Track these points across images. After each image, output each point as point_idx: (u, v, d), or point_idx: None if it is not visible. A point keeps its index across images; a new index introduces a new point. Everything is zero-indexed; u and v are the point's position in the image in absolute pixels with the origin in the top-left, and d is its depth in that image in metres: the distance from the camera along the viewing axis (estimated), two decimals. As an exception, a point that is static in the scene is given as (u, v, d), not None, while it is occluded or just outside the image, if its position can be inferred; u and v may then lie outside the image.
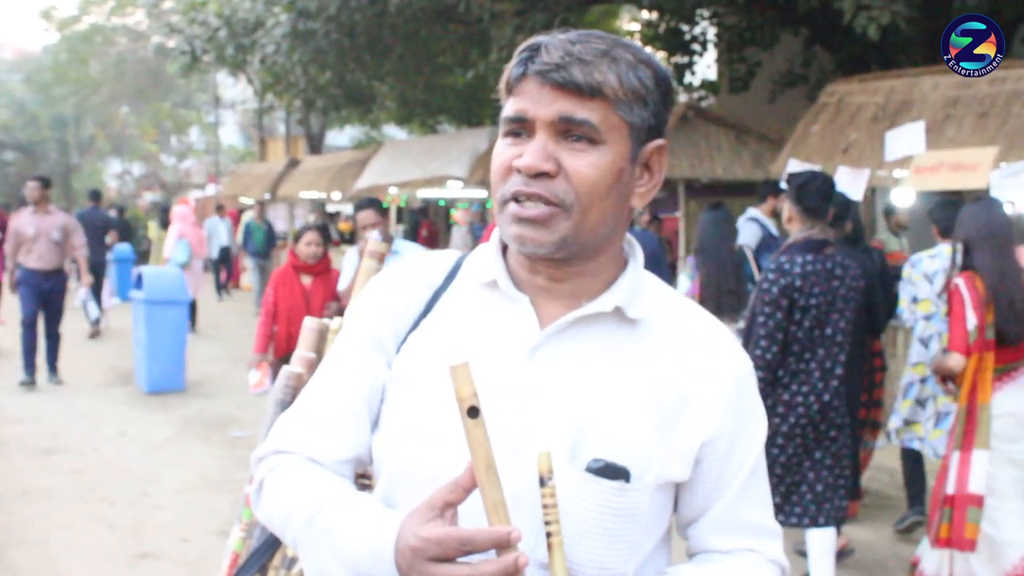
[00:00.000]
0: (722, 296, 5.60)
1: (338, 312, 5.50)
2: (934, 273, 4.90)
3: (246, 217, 16.20)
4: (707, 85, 13.57)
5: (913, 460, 5.20)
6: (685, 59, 12.63)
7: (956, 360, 3.90)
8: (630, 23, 16.87)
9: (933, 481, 4.22)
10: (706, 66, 14.11)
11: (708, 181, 10.48)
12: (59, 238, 8.90)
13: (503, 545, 1.05)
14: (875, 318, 4.91)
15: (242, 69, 17.12)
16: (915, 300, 5.02)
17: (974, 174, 5.94)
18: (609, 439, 1.19)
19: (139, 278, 9.05)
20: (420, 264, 1.38)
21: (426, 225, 16.91)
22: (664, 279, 1.37)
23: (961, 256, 4.03)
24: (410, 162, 13.92)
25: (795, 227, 4.01)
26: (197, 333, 12.20)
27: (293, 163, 20.09)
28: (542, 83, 1.18)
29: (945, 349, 4.09)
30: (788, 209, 4.04)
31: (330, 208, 20.44)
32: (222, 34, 12.74)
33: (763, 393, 2.94)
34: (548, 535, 1.08)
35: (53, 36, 28.69)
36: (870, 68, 9.26)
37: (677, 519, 1.33)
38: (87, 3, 27.11)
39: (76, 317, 11.78)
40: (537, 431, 1.19)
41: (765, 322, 3.80)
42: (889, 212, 8.21)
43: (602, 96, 1.18)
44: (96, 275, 11.66)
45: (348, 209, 19.03)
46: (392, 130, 24.81)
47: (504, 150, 1.23)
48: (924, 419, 4.99)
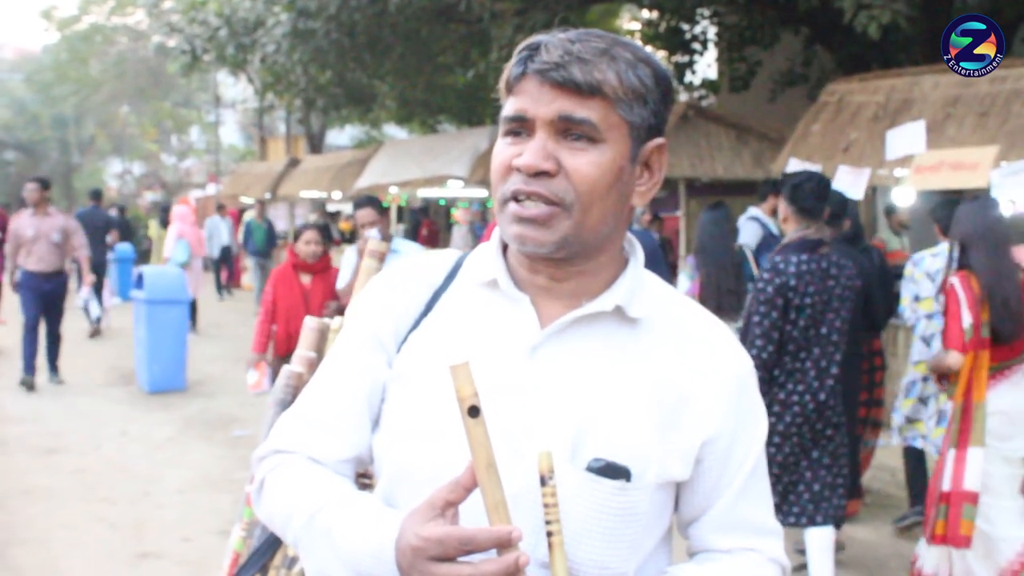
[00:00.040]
0: (722, 295, 5.61)
1: (337, 311, 5.49)
2: (936, 272, 4.90)
3: (247, 216, 16.20)
4: (707, 84, 13.57)
5: (915, 459, 5.20)
6: (685, 58, 12.62)
7: (955, 358, 3.91)
8: (630, 22, 16.87)
9: (935, 480, 4.23)
10: (706, 65, 14.11)
11: (709, 180, 10.47)
12: (59, 240, 8.82)
13: (504, 544, 1.05)
14: (874, 316, 4.91)
15: (242, 68, 17.12)
16: (917, 298, 5.01)
17: (975, 173, 5.93)
18: (610, 438, 1.19)
19: (140, 278, 9.04)
20: (420, 263, 1.38)
21: (427, 224, 16.91)
22: (664, 278, 1.37)
23: (957, 255, 4.05)
24: (410, 161, 13.92)
25: (790, 227, 4.04)
26: (198, 333, 12.22)
27: (293, 162, 20.09)
28: (542, 82, 1.18)
29: (944, 347, 4.10)
30: (783, 209, 4.07)
31: (331, 207, 20.44)
32: (222, 33, 12.73)
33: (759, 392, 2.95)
34: (549, 534, 1.08)
35: (53, 36, 28.72)
36: (871, 67, 9.26)
37: (678, 518, 1.33)
38: (87, 3, 27.11)
39: (76, 317, 11.79)
40: (537, 430, 1.19)
41: (760, 321, 3.82)
42: (890, 211, 8.20)
43: (602, 95, 1.18)
44: (97, 274, 11.64)
45: (349, 208, 19.00)
46: (392, 129, 24.80)
47: (504, 149, 1.23)
48: (926, 417, 4.99)
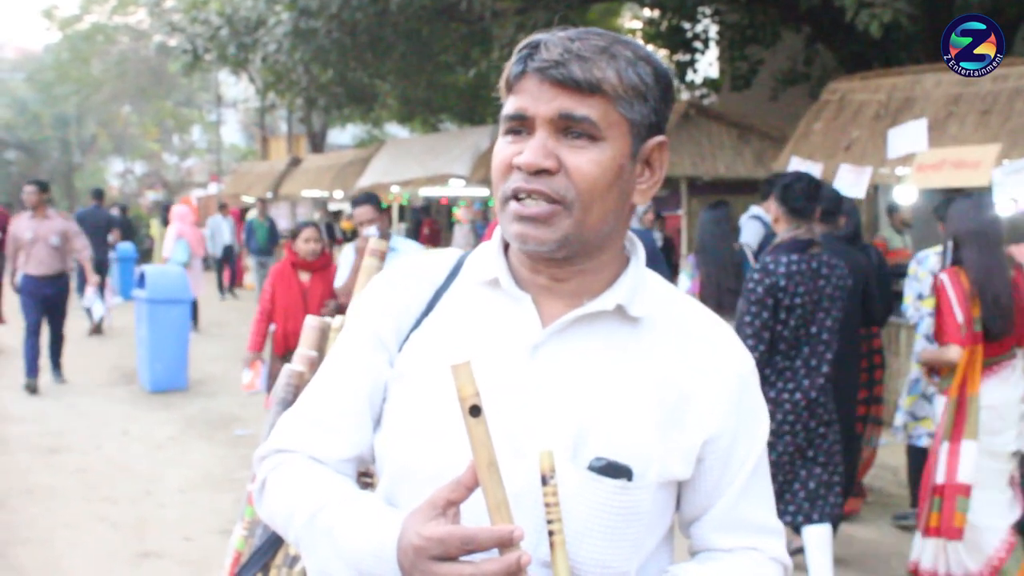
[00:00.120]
0: (722, 294, 5.61)
1: (336, 310, 5.48)
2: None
3: (250, 215, 16.20)
4: (709, 83, 13.56)
5: (917, 457, 5.20)
6: (687, 57, 12.61)
7: (955, 352, 3.94)
8: (632, 21, 16.86)
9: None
10: (708, 64, 14.11)
11: (710, 179, 10.47)
12: (58, 243, 8.71)
13: (505, 544, 1.04)
14: (872, 314, 4.94)
15: (244, 68, 17.11)
16: (920, 297, 5.02)
17: (976, 171, 5.93)
18: (611, 437, 1.19)
19: (142, 277, 9.04)
20: (422, 262, 1.37)
21: (428, 223, 16.92)
22: (664, 278, 1.37)
23: (951, 252, 4.06)
24: (412, 160, 13.93)
25: (781, 228, 4.08)
26: (199, 332, 12.22)
27: (295, 162, 20.10)
28: (541, 80, 1.18)
29: (935, 342, 4.12)
30: (774, 210, 4.11)
31: (332, 207, 20.45)
32: (224, 33, 12.73)
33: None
34: (550, 534, 1.08)
35: (55, 35, 28.75)
36: (872, 66, 9.26)
37: (679, 517, 1.33)
38: (89, 2, 27.12)
39: (78, 316, 11.79)
40: (539, 429, 1.19)
41: (751, 322, 3.87)
42: (892, 210, 8.19)
43: (602, 92, 1.17)
44: (99, 274, 11.60)
45: (350, 207, 19.01)
46: (394, 128, 24.80)
47: (504, 148, 1.22)
48: (932, 415, 4.98)
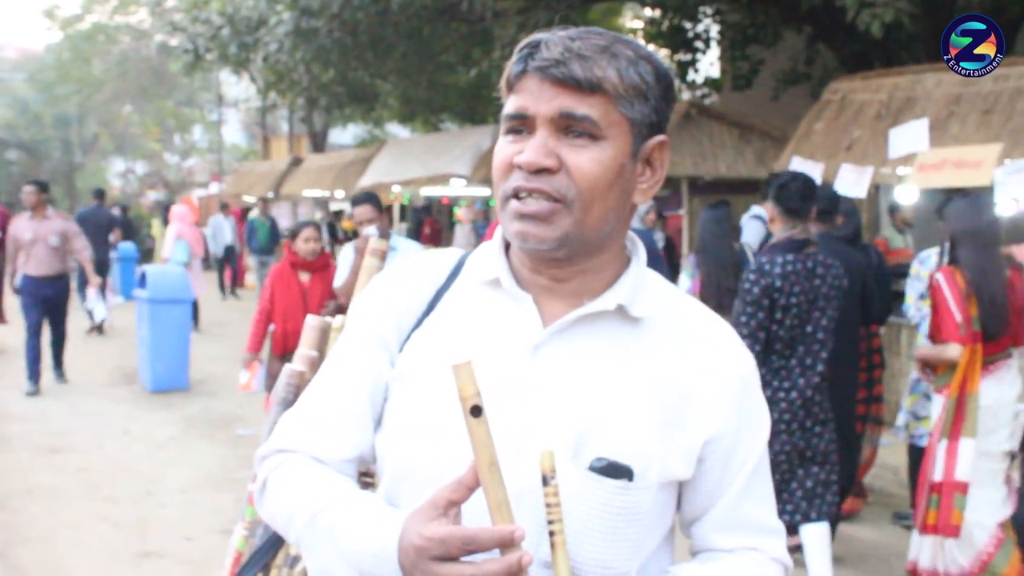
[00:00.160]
0: (722, 294, 5.60)
1: (336, 310, 5.46)
2: None
3: (252, 215, 16.21)
4: (710, 83, 13.56)
5: (919, 457, 5.19)
6: (688, 56, 12.61)
7: (955, 350, 3.96)
8: (633, 21, 16.85)
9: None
10: (709, 64, 14.10)
11: (711, 179, 10.48)
12: (57, 243, 8.66)
13: (507, 544, 1.04)
14: (870, 313, 4.95)
15: (245, 67, 17.12)
16: (922, 297, 5.02)
17: (978, 171, 5.92)
18: (612, 438, 1.19)
19: (143, 277, 9.04)
20: (423, 262, 1.37)
21: (429, 223, 16.92)
22: (664, 278, 1.37)
23: (948, 251, 4.07)
24: (413, 160, 13.93)
25: (777, 227, 4.09)
26: (200, 332, 12.22)
27: (296, 161, 20.12)
28: (542, 79, 1.18)
29: (931, 339, 4.14)
30: (770, 210, 4.12)
31: (333, 206, 20.47)
32: (225, 32, 12.73)
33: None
34: (551, 534, 1.08)
35: (56, 35, 28.75)
36: (873, 65, 9.25)
37: (680, 517, 1.33)
38: (90, 2, 27.13)
39: (79, 316, 11.79)
40: (540, 429, 1.19)
41: (747, 322, 3.88)
42: (894, 209, 8.19)
43: (602, 92, 1.17)
44: (100, 274, 11.54)
45: (350, 207, 19.02)
46: (395, 128, 24.81)
47: (505, 147, 1.22)
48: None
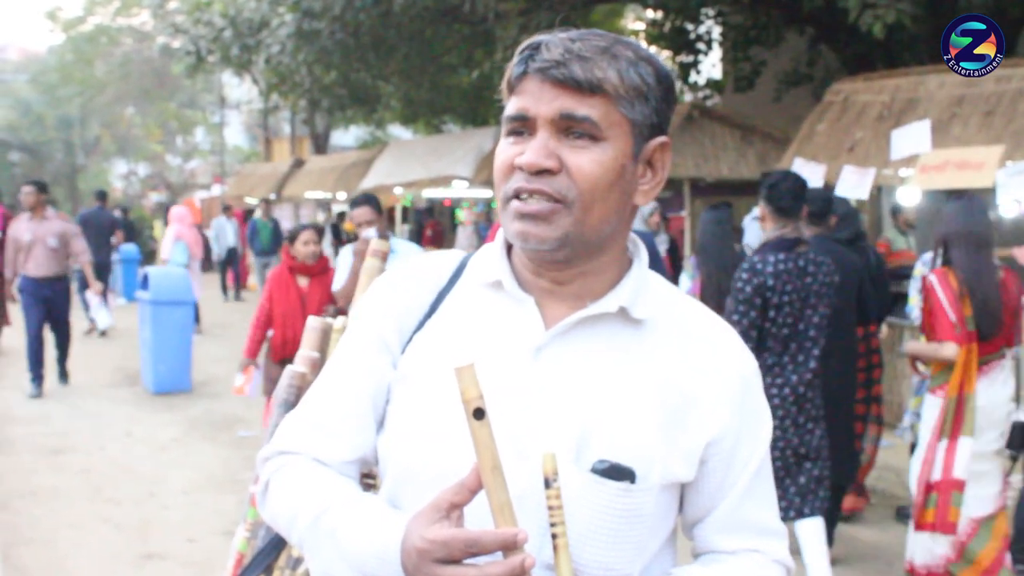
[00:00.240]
0: (722, 296, 5.59)
1: (336, 314, 5.37)
2: None
3: (256, 215, 16.22)
4: (712, 84, 13.54)
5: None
6: (690, 58, 12.59)
7: (952, 349, 3.98)
8: (635, 22, 16.85)
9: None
10: (711, 65, 14.08)
11: (713, 180, 10.47)
12: (56, 245, 8.58)
13: (509, 546, 1.04)
14: (866, 313, 4.97)
15: (247, 69, 17.13)
16: None
17: (980, 173, 5.92)
18: (614, 440, 1.19)
19: (145, 279, 9.05)
20: (425, 264, 1.37)
21: (431, 225, 16.93)
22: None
23: (941, 253, 4.09)
24: (415, 162, 13.93)
25: (769, 226, 4.12)
26: (201, 333, 12.23)
27: (298, 163, 20.13)
28: (543, 81, 1.18)
29: (937, 340, 4.14)
30: (761, 209, 4.15)
31: (335, 208, 20.48)
32: (227, 34, 12.74)
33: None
34: (553, 536, 1.08)
35: (58, 37, 28.80)
36: (875, 67, 9.23)
37: (682, 519, 1.33)
38: (92, 4, 27.18)
39: (80, 317, 11.79)
40: (542, 432, 1.19)
41: (740, 320, 3.91)
42: (896, 211, 8.19)
43: (603, 92, 1.17)
44: (101, 276, 11.44)
45: (349, 209, 19.02)
46: (397, 130, 24.82)
47: (506, 149, 1.23)
48: None
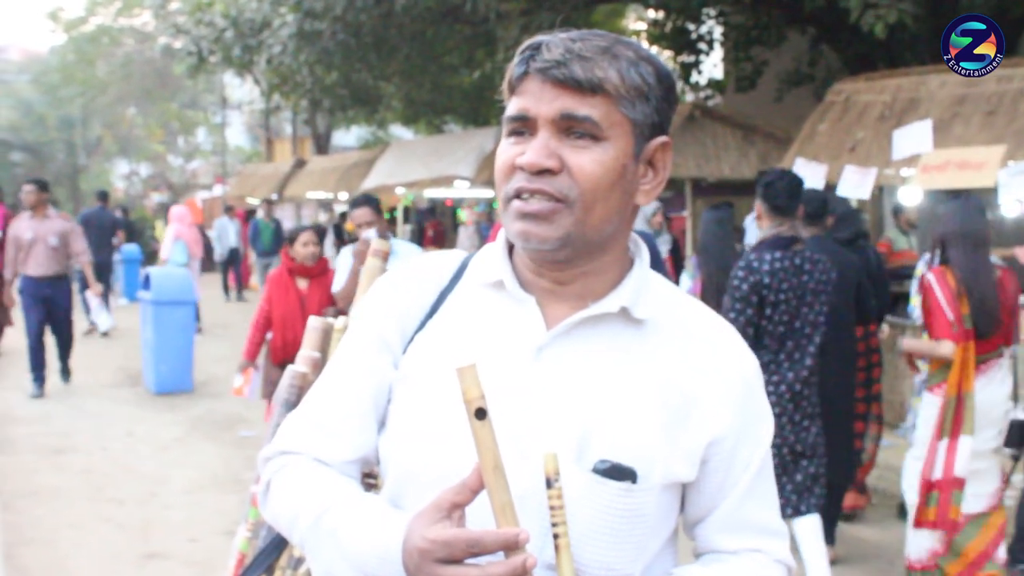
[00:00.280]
0: (723, 295, 5.61)
1: (337, 316, 5.33)
2: None
3: (259, 216, 16.23)
4: (714, 84, 13.54)
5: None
6: (691, 58, 12.59)
7: (948, 347, 3.99)
8: (636, 22, 16.85)
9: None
10: (712, 65, 14.07)
11: (715, 180, 10.47)
12: (57, 243, 8.51)
13: (511, 547, 1.04)
14: (863, 311, 4.98)
15: (248, 70, 17.13)
16: None
17: (981, 172, 5.91)
18: (615, 440, 1.19)
19: (147, 279, 9.05)
20: (426, 264, 1.37)
21: (432, 225, 16.93)
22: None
23: (939, 252, 4.10)
24: (416, 162, 13.93)
25: (765, 225, 4.13)
26: (202, 333, 12.23)
27: (300, 163, 20.13)
28: (543, 81, 1.18)
29: (934, 338, 4.15)
30: (757, 207, 4.16)
31: (338, 208, 20.48)
32: (228, 35, 12.74)
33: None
34: (555, 536, 1.08)
35: (60, 37, 28.77)
36: (877, 67, 9.23)
37: (684, 519, 1.33)
38: (94, 4, 27.18)
39: (81, 318, 11.79)
40: (543, 432, 1.19)
41: (736, 318, 3.93)
42: (898, 211, 8.20)
43: (603, 92, 1.17)
44: (103, 277, 11.42)
45: (349, 209, 19.00)
46: (398, 130, 24.82)
47: (507, 149, 1.23)
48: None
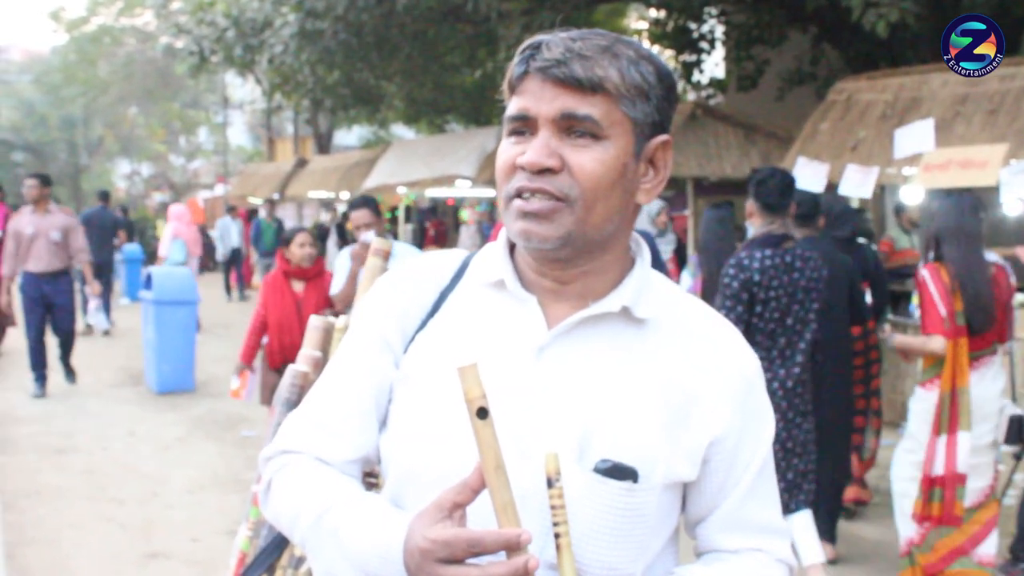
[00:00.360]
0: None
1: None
2: None
3: (261, 215, 16.24)
4: (715, 83, 13.54)
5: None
6: (693, 57, 12.60)
7: (939, 343, 4.00)
8: (637, 22, 16.85)
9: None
10: (714, 64, 14.07)
11: (717, 179, 10.46)
12: (59, 239, 8.38)
13: (512, 547, 1.04)
14: (858, 310, 4.99)
15: (250, 69, 17.14)
16: None
17: (983, 171, 5.91)
18: (617, 439, 1.19)
19: (148, 278, 9.06)
20: (427, 263, 1.37)
21: (434, 225, 16.93)
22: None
23: (933, 249, 4.11)
24: (418, 161, 13.94)
25: (756, 222, 4.14)
26: (204, 333, 12.22)
27: (301, 163, 20.16)
28: (544, 80, 1.18)
29: (925, 333, 4.15)
30: (749, 205, 4.16)
31: (340, 208, 20.49)
32: (230, 34, 12.75)
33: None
34: (556, 536, 1.08)
35: (62, 37, 28.82)
36: (879, 65, 9.23)
37: (685, 518, 1.33)
38: (95, 4, 27.20)
39: (80, 318, 11.79)
40: (544, 431, 1.19)
41: (727, 315, 3.94)
42: (900, 210, 8.19)
43: (604, 91, 1.17)
44: (104, 276, 11.34)
45: (348, 210, 19.01)
46: (400, 130, 24.84)
47: (508, 148, 1.22)
48: None
